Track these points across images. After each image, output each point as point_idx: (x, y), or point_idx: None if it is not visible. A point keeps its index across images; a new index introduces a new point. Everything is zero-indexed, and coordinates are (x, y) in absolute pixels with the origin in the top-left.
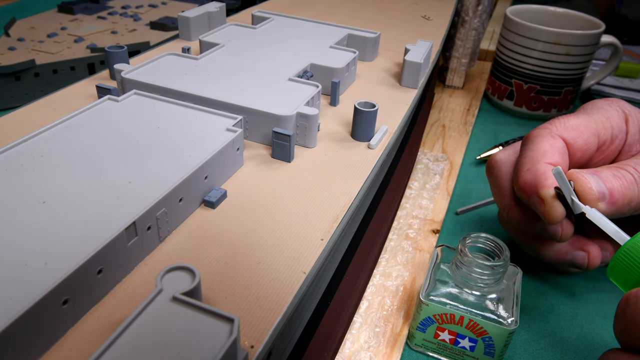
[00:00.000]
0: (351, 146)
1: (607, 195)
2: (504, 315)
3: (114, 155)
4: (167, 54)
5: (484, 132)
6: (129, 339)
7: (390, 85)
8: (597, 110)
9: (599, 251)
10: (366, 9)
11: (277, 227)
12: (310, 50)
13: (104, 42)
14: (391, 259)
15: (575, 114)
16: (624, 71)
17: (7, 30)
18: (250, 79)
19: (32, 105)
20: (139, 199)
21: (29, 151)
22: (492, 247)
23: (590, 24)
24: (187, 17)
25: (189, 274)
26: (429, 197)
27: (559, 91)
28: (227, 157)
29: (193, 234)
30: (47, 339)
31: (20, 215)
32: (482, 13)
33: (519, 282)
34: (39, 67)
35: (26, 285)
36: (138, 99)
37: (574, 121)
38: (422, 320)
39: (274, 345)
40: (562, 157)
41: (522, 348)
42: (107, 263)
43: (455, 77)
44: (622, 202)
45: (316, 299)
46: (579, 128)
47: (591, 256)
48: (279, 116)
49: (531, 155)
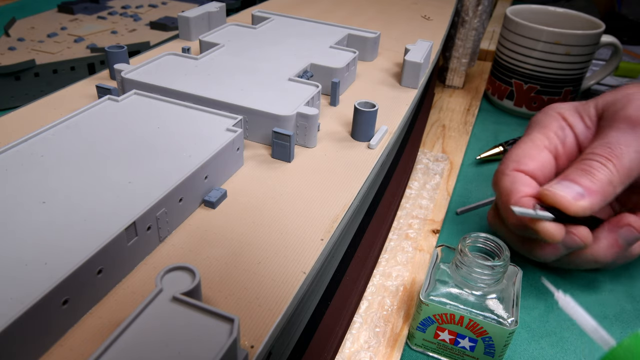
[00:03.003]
0: (351, 146)
1: (584, 192)
2: (504, 315)
3: (114, 155)
4: (167, 54)
5: (484, 132)
6: (129, 339)
7: (390, 85)
8: (534, 127)
9: (586, 229)
10: (366, 9)
11: (277, 227)
12: (310, 50)
13: (104, 42)
14: (391, 259)
15: (520, 141)
16: (624, 71)
17: (7, 30)
18: (250, 79)
19: (32, 105)
20: (139, 199)
21: (29, 151)
22: (492, 247)
23: (590, 24)
24: (187, 17)
25: (189, 274)
26: (429, 197)
27: (559, 91)
28: (227, 157)
29: (193, 234)
30: (47, 339)
31: (20, 215)
32: (482, 13)
33: (519, 282)
34: (39, 67)
35: (26, 285)
36: (138, 99)
37: (518, 150)
38: (422, 320)
39: (274, 345)
40: (527, 185)
41: (522, 348)
42: (107, 263)
43: (455, 77)
44: (602, 188)
45: (316, 299)
46: (526, 153)
47: (580, 233)
48: (279, 116)
49: (502, 199)
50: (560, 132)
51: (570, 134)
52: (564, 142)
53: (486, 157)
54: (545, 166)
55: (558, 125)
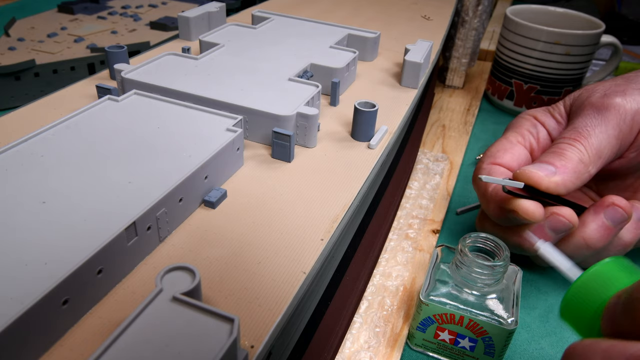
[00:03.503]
0: (351, 146)
1: (555, 170)
2: (504, 315)
3: (114, 155)
4: (167, 54)
5: (484, 132)
6: (129, 339)
7: (390, 85)
8: (509, 129)
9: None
10: (366, 9)
11: (277, 227)
12: (310, 50)
13: (104, 42)
14: (391, 259)
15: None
16: (624, 71)
17: (7, 30)
18: (250, 79)
19: (32, 105)
20: (139, 199)
21: (29, 151)
22: (492, 247)
23: (590, 24)
24: (187, 17)
25: (189, 274)
26: (429, 197)
27: (559, 91)
28: (227, 157)
29: (193, 234)
30: (47, 339)
31: (20, 215)
32: (482, 13)
33: (519, 282)
34: (39, 67)
35: (26, 285)
36: (138, 99)
37: (493, 147)
38: (422, 320)
39: (274, 345)
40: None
41: (522, 348)
42: (107, 263)
43: (455, 77)
44: (574, 166)
45: (316, 299)
46: (499, 148)
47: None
48: (279, 116)
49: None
50: (532, 130)
51: (543, 130)
52: (537, 137)
53: None
54: (520, 158)
55: (530, 124)
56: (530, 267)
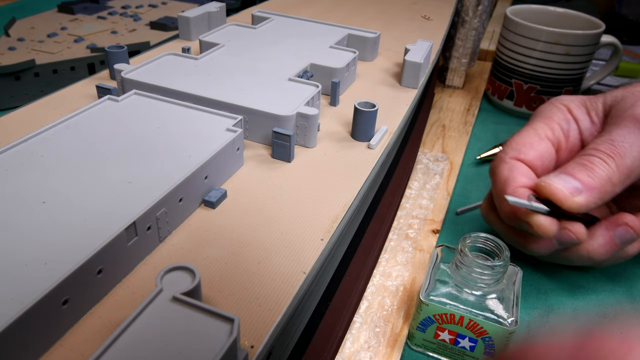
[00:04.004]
0: (351, 146)
1: (582, 187)
2: (504, 315)
3: (114, 155)
4: (167, 54)
5: (484, 132)
6: (129, 339)
7: (390, 85)
8: (538, 117)
9: (581, 226)
10: (366, 9)
11: (277, 227)
12: (310, 50)
13: (104, 42)
14: (391, 259)
15: (522, 129)
16: (624, 71)
17: (7, 30)
18: (250, 79)
19: (32, 105)
20: (139, 199)
21: (29, 151)
22: (492, 247)
23: (590, 24)
24: (187, 17)
25: (189, 274)
26: (429, 197)
27: (559, 91)
28: (227, 157)
29: (193, 234)
30: (47, 339)
31: (20, 215)
32: (482, 13)
33: (519, 282)
34: (39, 67)
35: (26, 285)
36: (138, 99)
37: (519, 138)
38: (422, 320)
39: (274, 345)
40: (524, 175)
41: None
42: (107, 263)
43: (455, 77)
44: (601, 185)
45: (316, 299)
46: (526, 141)
47: (575, 230)
48: (279, 116)
49: (497, 187)
50: (564, 125)
51: (575, 127)
52: (567, 135)
53: (486, 157)
54: (545, 157)
55: (563, 117)
56: (531, 267)
